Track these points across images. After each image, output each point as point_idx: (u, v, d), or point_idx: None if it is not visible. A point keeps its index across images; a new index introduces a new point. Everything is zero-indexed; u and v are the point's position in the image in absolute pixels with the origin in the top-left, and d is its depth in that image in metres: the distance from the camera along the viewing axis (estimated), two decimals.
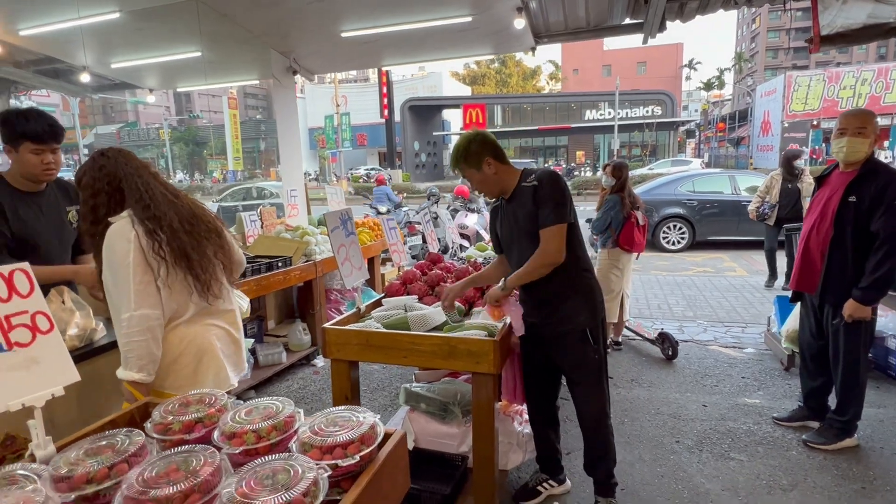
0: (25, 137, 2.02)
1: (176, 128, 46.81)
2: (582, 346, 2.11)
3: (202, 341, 1.76)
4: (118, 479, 0.94)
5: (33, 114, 2.06)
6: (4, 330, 1.13)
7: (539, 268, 2.02)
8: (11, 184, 2.11)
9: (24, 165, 2.06)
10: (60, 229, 2.23)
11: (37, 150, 2.05)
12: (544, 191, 2.00)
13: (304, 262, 4.15)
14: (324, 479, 0.91)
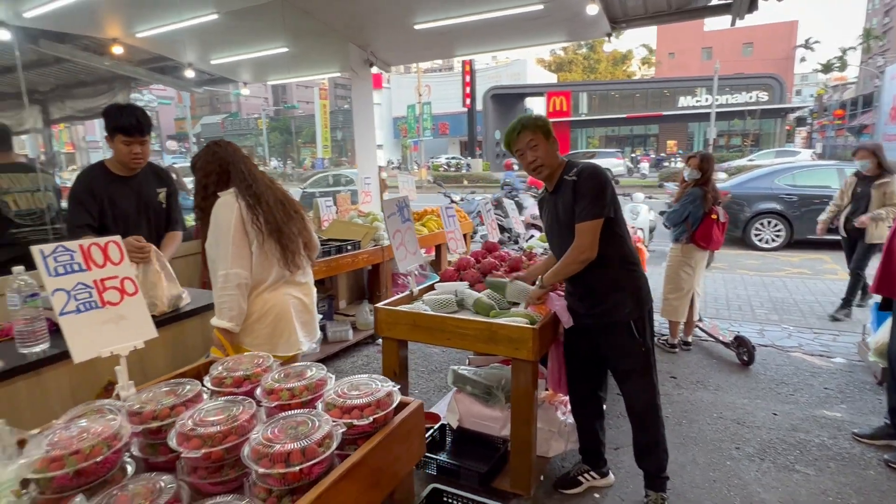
0: (118, 130, 2.33)
1: (273, 118, 50.10)
2: (627, 338, 2.10)
3: (280, 307, 2.05)
4: (175, 419, 1.12)
5: (126, 109, 2.37)
6: (99, 290, 1.36)
7: (572, 263, 2.03)
8: (110, 169, 2.44)
9: (117, 154, 2.39)
10: (148, 208, 2.54)
11: (126, 141, 2.35)
12: (583, 185, 1.99)
13: (373, 247, 4.37)
14: (338, 434, 1.03)
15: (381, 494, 1.12)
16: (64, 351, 1.91)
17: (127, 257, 1.45)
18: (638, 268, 2.14)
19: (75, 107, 9.20)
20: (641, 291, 2.12)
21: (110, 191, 2.40)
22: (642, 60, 59.24)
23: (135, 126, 2.33)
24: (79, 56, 6.47)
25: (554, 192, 2.15)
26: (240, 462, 1.05)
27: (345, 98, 71.11)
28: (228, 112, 58.44)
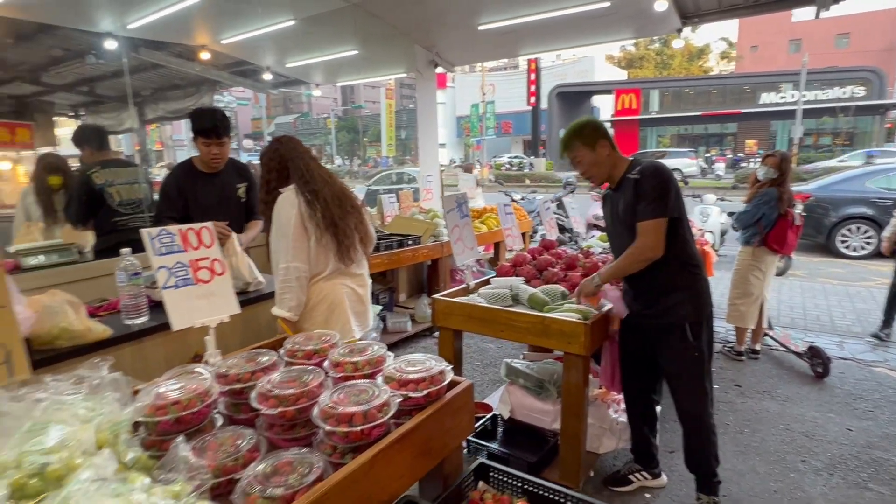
0: (198, 133, 2.60)
1: (341, 117, 51.91)
2: (681, 341, 2.07)
3: (335, 297, 2.18)
4: (255, 382, 1.28)
5: (206, 114, 2.63)
6: (193, 269, 1.56)
7: (634, 262, 2.02)
8: (196, 166, 2.72)
9: (201, 153, 2.67)
10: (229, 202, 2.79)
11: (206, 143, 2.61)
12: (645, 184, 1.98)
13: (433, 242, 4.51)
14: (395, 403, 1.14)
15: (432, 462, 1.22)
16: (161, 323, 2.17)
17: (217, 242, 1.64)
18: (700, 270, 2.10)
19: (166, 108, 10.06)
20: (701, 295, 2.08)
21: (195, 186, 2.67)
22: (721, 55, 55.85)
23: (212, 129, 2.58)
24: (172, 62, 7.08)
25: (616, 190, 2.16)
26: (309, 422, 1.18)
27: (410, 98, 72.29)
28: (300, 112, 61.14)
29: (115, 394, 1.15)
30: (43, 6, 4.74)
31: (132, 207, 2.96)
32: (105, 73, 9.22)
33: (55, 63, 8.44)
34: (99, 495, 0.81)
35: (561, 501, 1.19)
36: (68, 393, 1.11)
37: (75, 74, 9.10)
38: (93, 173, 2.86)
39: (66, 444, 0.94)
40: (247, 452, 1.09)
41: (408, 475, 1.14)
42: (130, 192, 2.95)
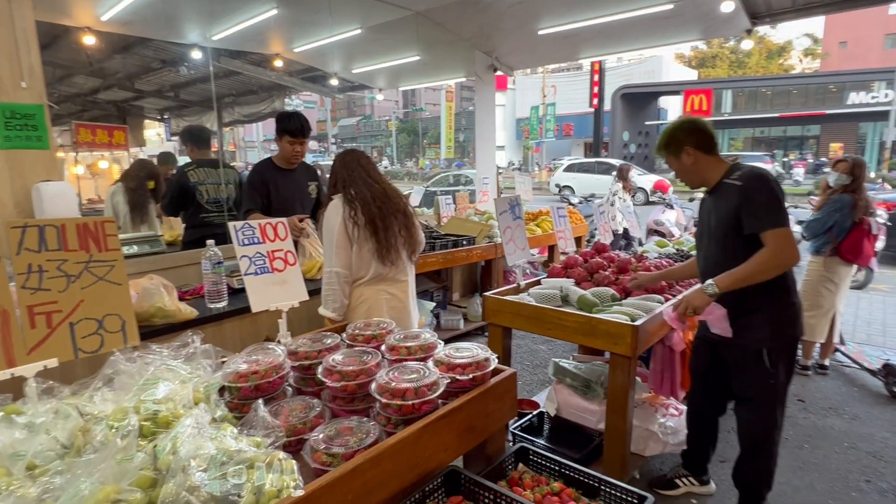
0: (285, 132, 2.88)
1: (401, 119, 52.95)
2: (755, 365, 1.98)
3: (373, 301, 2.25)
4: (321, 360, 1.44)
5: (293, 116, 2.90)
6: (270, 259, 1.76)
7: (768, 268, 1.86)
8: (276, 164, 3.02)
9: (283, 151, 2.95)
10: (303, 197, 3.09)
11: (291, 141, 2.90)
12: (756, 195, 1.87)
13: (487, 243, 4.61)
14: (443, 383, 1.26)
15: (475, 441, 1.33)
16: (237, 308, 2.42)
17: (290, 235, 1.84)
18: (787, 294, 1.98)
19: (242, 112, 10.76)
20: (784, 320, 1.97)
21: (276, 180, 2.96)
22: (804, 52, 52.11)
23: (299, 129, 2.88)
24: (248, 69, 7.61)
25: (711, 194, 2.10)
26: (367, 396, 1.33)
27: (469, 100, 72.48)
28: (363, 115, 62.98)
29: (207, 361, 1.35)
30: (142, 22, 5.27)
31: (217, 206, 3.28)
32: (189, 80, 10.02)
33: (147, 71, 9.26)
34: (200, 438, 0.99)
35: (595, 485, 1.27)
36: (170, 358, 1.32)
37: (164, 81, 9.95)
38: (189, 170, 3.22)
39: (171, 398, 1.13)
40: (314, 418, 1.25)
41: (452, 449, 1.26)
42: (217, 191, 3.28)
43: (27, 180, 2.30)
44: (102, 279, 1.37)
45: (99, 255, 1.37)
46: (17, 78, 2.37)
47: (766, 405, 2.02)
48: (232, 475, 0.94)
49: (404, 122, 53.36)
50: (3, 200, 2.27)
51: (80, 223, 1.36)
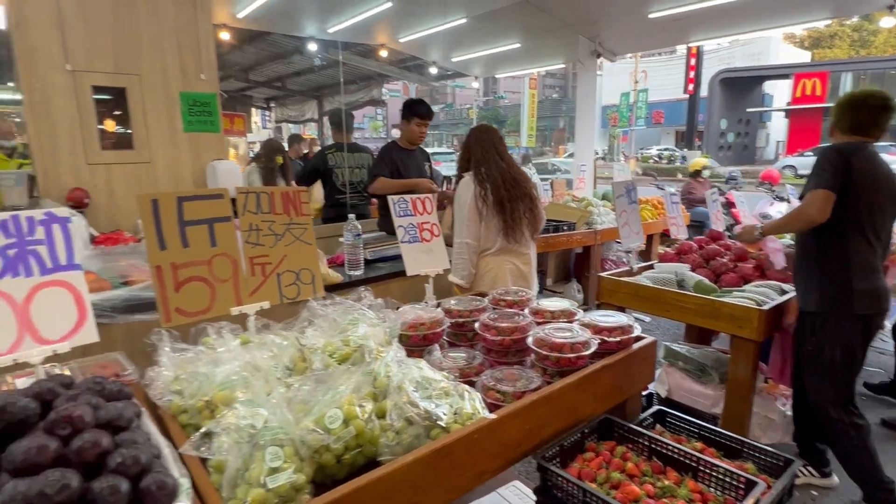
0: (415, 115, 3.19)
1: (482, 108, 52.85)
2: (801, 331, 2.11)
3: (499, 271, 2.49)
4: (475, 318, 1.63)
5: (421, 102, 3.24)
6: (420, 230, 1.97)
7: (793, 220, 2.09)
8: (400, 145, 3.34)
9: (411, 134, 3.27)
10: (421, 173, 3.39)
11: (419, 123, 3.23)
12: (815, 164, 2.02)
13: (586, 230, 4.64)
14: (594, 342, 1.40)
15: (619, 398, 1.46)
16: (371, 276, 2.68)
17: (435, 210, 2.04)
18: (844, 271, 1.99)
19: (341, 101, 11.37)
20: (835, 297, 2.01)
21: (401, 158, 3.29)
22: None
23: (427, 113, 3.20)
24: (354, 60, 8.04)
25: None
26: (519, 351, 1.50)
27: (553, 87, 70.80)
28: (445, 103, 63.54)
29: (384, 312, 1.57)
30: (268, 17, 5.77)
31: (351, 188, 3.63)
32: (296, 71, 10.73)
33: (261, 63, 10.04)
34: (405, 367, 1.20)
35: (737, 447, 1.35)
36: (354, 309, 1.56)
37: (274, 72, 10.74)
38: (328, 153, 3.60)
39: (369, 336, 1.36)
40: (477, 365, 1.44)
41: (600, 402, 1.40)
42: (352, 175, 3.63)
43: (203, 159, 2.71)
44: (298, 239, 1.64)
45: (296, 218, 1.64)
46: (198, 71, 2.78)
47: (814, 374, 2.10)
48: (436, 397, 1.14)
49: (485, 109, 53.21)
50: (185, 176, 2.70)
51: (284, 191, 1.63)
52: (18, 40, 2.35)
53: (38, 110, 2.46)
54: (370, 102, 10.65)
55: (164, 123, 2.68)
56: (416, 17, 5.85)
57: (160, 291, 1.36)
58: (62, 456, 0.75)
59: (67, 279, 1.12)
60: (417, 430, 1.08)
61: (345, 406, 1.04)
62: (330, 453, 1.00)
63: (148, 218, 1.36)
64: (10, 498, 0.67)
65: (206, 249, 1.44)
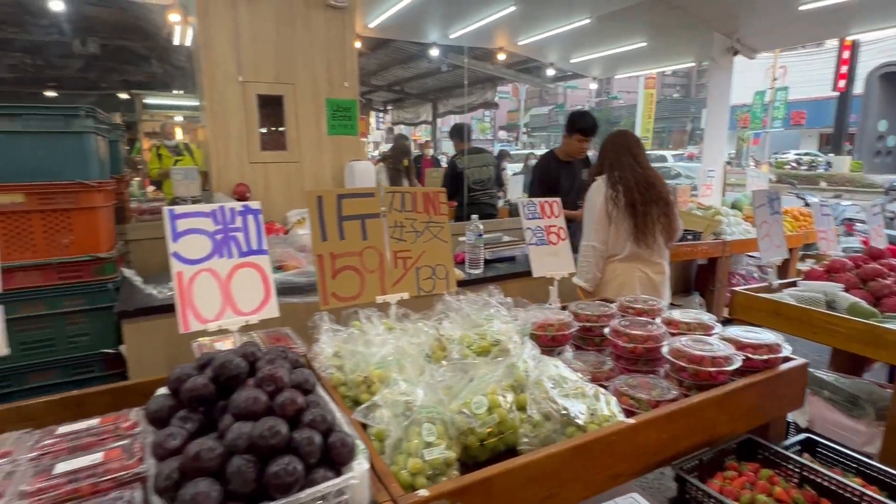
0: (578, 130, 3.18)
1: (594, 108, 51.03)
2: None
3: (626, 278, 2.43)
4: (604, 324, 1.63)
5: (587, 116, 3.23)
6: (547, 233, 2.00)
7: None
8: (558, 156, 3.37)
9: (568, 146, 3.28)
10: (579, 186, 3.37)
11: (580, 140, 3.21)
12: None
13: (712, 240, 4.33)
14: (737, 359, 1.34)
15: (761, 420, 1.38)
16: (489, 276, 2.76)
17: (562, 214, 2.06)
18: None
19: (455, 103, 11.70)
20: None
21: (557, 172, 3.32)
22: None
23: (591, 129, 3.17)
24: (472, 64, 8.23)
25: None
26: (650, 361, 1.47)
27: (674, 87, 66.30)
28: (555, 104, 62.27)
29: (514, 310, 1.63)
30: (394, 26, 6.12)
31: (481, 185, 3.79)
32: (414, 76, 11.23)
33: (383, 68, 10.66)
34: (540, 364, 1.25)
35: None
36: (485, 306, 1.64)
37: (394, 77, 11.35)
38: (457, 158, 3.80)
39: (502, 333, 1.42)
40: (607, 370, 1.44)
41: (741, 422, 1.33)
42: (480, 173, 3.79)
43: (342, 159, 3.00)
44: (436, 237, 1.76)
45: (435, 217, 1.76)
46: (342, 79, 3.06)
47: None
48: (572, 396, 1.17)
49: (597, 110, 51.30)
50: (326, 174, 3.00)
51: (425, 192, 1.75)
52: (204, 57, 2.78)
53: (216, 116, 2.89)
54: (483, 105, 10.82)
55: (312, 127, 3.01)
56: (537, 20, 5.85)
57: (320, 277, 1.54)
58: (269, 408, 0.90)
59: (257, 262, 1.33)
60: (555, 426, 1.13)
61: (489, 395, 1.11)
62: (474, 436, 1.08)
63: (314, 212, 1.55)
64: (238, 435, 0.83)
65: (358, 242, 1.61)
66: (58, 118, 2.11)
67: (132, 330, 2.09)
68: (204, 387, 0.94)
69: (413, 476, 0.95)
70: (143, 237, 2.81)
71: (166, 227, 1.23)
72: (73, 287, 2.21)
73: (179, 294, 1.22)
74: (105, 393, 1.29)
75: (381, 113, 18.92)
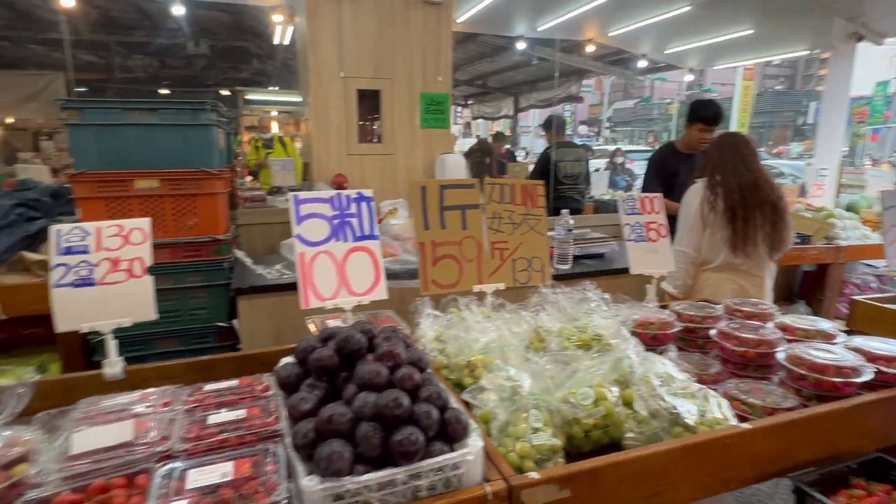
0: (699, 120, 2.95)
1: (684, 102, 48.01)
2: None
3: (716, 289, 2.24)
4: (709, 325, 1.56)
5: (710, 104, 2.99)
6: (646, 229, 1.94)
7: None
8: (678, 148, 3.15)
9: (689, 138, 3.05)
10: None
11: (702, 129, 2.95)
12: None
13: (824, 245, 3.96)
14: (867, 370, 1.23)
15: (893, 439, 1.26)
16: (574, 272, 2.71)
17: (664, 210, 1.99)
18: None
19: (538, 97, 11.50)
20: None
21: (676, 165, 3.10)
22: None
23: (713, 118, 2.92)
24: (558, 56, 8.06)
25: None
26: (761, 367, 1.39)
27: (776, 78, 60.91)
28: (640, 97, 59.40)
29: (615, 306, 1.61)
30: (482, 21, 6.13)
31: (571, 180, 3.75)
32: (497, 70, 11.18)
33: (466, 63, 10.70)
34: (646, 361, 1.23)
35: None
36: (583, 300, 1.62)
37: (476, 71, 11.36)
38: (550, 151, 3.77)
39: (604, 328, 1.41)
40: (714, 373, 1.38)
41: (869, 438, 1.23)
42: (572, 167, 3.74)
43: (433, 152, 3.08)
44: (533, 229, 1.76)
45: (532, 210, 1.77)
46: (436, 73, 3.14)
47: None
48: (680, 395, 1.14)
49: (687, 104, 48.25)
50: (417, 167, 3.10)
51: (524, 184, 1.77)
52: (312, 55, 2.97)
53: (318, 111, 3.08)
54: (567, 98, 10.57)
55: (406, 121, 3.11)
56: (630, 9, 5.62)
57: (422, 264, 1.60)
58: (390, 381, 0.96)
59: (369, 246, 1.41)
60: (661, 424, 1.11)
61: (595, 387, 1.11)
62: (579, 426, 1.08)
63: (417, 201, 1.61)
64: (364, 404, 0.90)
65: (458, 232, 1.65)
66: (187, 112, 2.34)
67: (246, 306, 2.29)
68: (329, 358, 1.02)
69: (521, 459, 0.97)
70: (250, 223, 3.05)
71: (291, 211, 1.34)
72: (194, 265, 2.45)
73: (301, 273, 1.32)
74: (230, 360, 1.44)
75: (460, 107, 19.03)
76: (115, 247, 1.33)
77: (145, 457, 0.85)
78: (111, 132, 2.22)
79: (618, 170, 8.27)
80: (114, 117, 2.22)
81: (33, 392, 1.08)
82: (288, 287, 2.25)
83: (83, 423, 0.94)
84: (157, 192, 2.34)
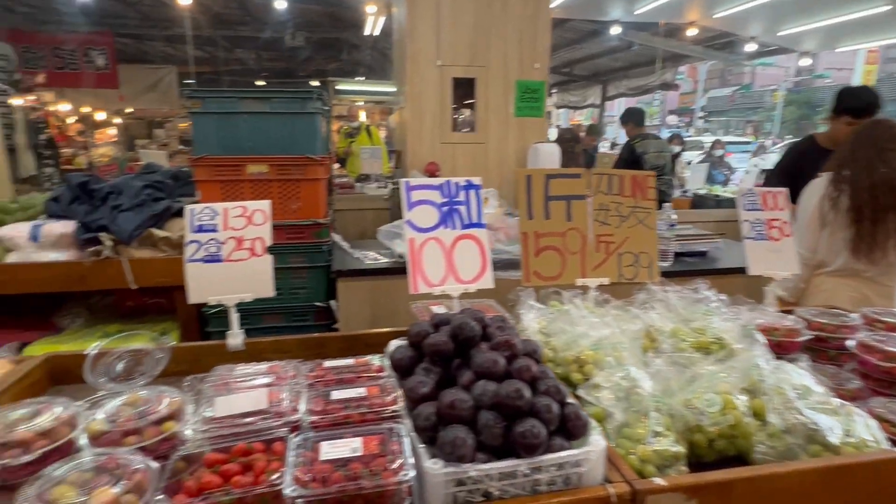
0: (847, 111, 2.46)
1: (791, 89, 43.74)
2: None
3: (832, 296, 2.00)
4: (844, 336, 1.40)
5: (860, 92, 2.54)
6: (768, 227, 1.78)
7: None
8: (819, 143, 2.64)
9: (836, 132, 2.50)
10: None
11: (850, 122, 2.42)
12: None
13: None
14: None
15: None
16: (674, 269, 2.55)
17: (788, 207, 1.82)
18: None
19: (629, 85, 10.96)
20: None
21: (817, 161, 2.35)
22: None
23: (864, 110, 2.41)
24: (654, 41, 7.62)
25: None
26: None
27: None
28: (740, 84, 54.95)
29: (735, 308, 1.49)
30: (577, 6, 5.91)
31: (658, 171, 3.57)
32: (583, 57, 10.77)
33: (555, 49, 10.39)
34: (778, 371, 1.13)
35: None
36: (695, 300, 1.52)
37: (563, 58, 11.01)
38: (635, 143, 3.62)
39: (725, 331, 1.31)
40: (854, 389, 1.25)
41: None
42: (658, 158, 3.56)
43: (526, 141, 3.03)
44: (641, 223, 1.67)
45: (641, 202, 1.68)
46: (532, 60, 3.07)
47: None
48: (819, 410, 1.03)
49: (795, 91, 43.87)
50: (510, 156, 3.07)
51: (633, 175, 1.68)
52: (410, 44, 3.01)
53: (414, 100, 3.12)
54: (662, 86, 9.96)
55: (500, 109, 3.08)
56: None
57: (524, 255, 1.57)
58: (507, 371, 0.95)
59: (477, 234, 1.41)
60: (797, 440, 1.01)
61: (723, 394, 1.04)
62: (702, 434, 1.01)
63: (522, 191, 1.58)
64: (483, 392, 0.90)
65: (562, 223, 1.60)
66: (296, 100, 2.46)
67: (344, 288, 2.38)
68: (444, 343, 1.03)
69: (643, 463, 0.93)
70: (343, 208, 3.17)
71: (402, 197, 1.36)
72: (297, 246, 2.59)
73: (411, 259, 1.34)
74: (338, 339, 1.50)
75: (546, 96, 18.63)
76: (240, 227, 1.42)
77: (279, 425, 0.90)
78: (227, 120, 2.39)
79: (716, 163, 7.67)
80: (230, 105, 2.38)
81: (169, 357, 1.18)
82: (385, 272, 2.32)
83: (221, 389, 1.02)
84: (266, 177, 2.49)
